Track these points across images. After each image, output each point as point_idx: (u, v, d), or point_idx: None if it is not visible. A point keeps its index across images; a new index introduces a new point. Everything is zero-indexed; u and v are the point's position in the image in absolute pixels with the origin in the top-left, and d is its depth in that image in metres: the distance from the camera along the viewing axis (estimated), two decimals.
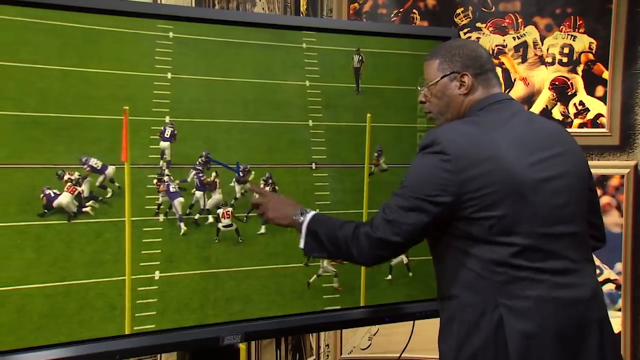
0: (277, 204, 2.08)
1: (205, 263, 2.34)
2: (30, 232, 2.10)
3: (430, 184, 1.71)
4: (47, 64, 2.11)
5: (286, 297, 2.47)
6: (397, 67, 2.64)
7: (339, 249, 1.85)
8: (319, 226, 1.92)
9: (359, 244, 1.79)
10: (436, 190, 1.70)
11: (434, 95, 1.92)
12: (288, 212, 2.01)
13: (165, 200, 2.33)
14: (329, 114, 2.52)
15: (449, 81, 1.87)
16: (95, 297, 2.19)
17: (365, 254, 1.78)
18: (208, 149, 2.36)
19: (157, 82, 2.26)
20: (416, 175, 1.77)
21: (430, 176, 1.72)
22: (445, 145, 1.72)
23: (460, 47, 1.89)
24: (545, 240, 1.72)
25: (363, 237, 1.80)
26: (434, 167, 1.72)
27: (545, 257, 1.72)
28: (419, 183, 1.73)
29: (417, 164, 1.80)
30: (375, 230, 1.77)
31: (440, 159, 1.71)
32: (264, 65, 2.44)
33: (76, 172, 2.19)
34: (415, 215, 1.71)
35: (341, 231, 1.86)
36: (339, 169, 2.54)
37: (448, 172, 1.70)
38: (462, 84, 1.87)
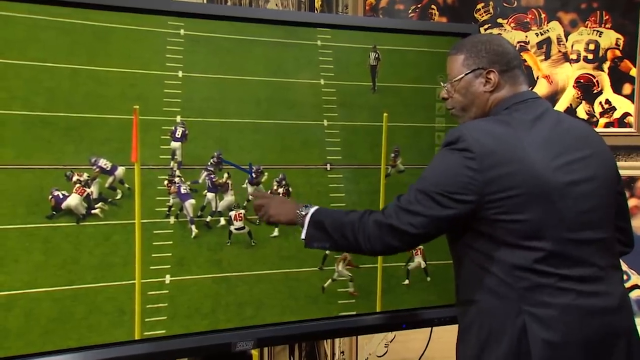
0: (278, 202, 2.08)
1: (217, 267, 2.34)
2: (39, 235, 2.11)
3: (453, 181, 1.69)
4: (56, 62, 2.13)
5: (300, 302, 2.47)
6: (414, 64, 2.63)
7: (345, 237, 1.82)
8: (324, 216, 1.90)
9: (366, 231, 1.77)
10: (458, 188, 1.68)
11: (457, 91, 1.90)
12: (290, 208, 2.00)
13: (176, 202, 2.33)
14: (344, 113, 2.51)
15: (474, 77, 1.85)
16: (104, 301, 2.20)
17: (373, 241, 1.76)
18: (220, 149, 2.36)
19: (168, 81, 2.27)
20: (438, 170, 1.75)
21: (453, 173, 1.70)
22: (470, 142, 1.70)
23: (486, 42, 1.87)
24: (572, 246, 1.70)
25: (372, 223, 1.78)
26: (457, 165, 1.70)
27: (571, 264, 1.70)
28: (441, 178, 1.72)
29: (440, 160, 1.78)
30: (387, 217, 1.75)
31: (465, 156, 1.69)
32: (277, 63, 2.44)
33: (85, 173, 2.20)
34: (434, 209, 1.69)
35: (347, 218, 1.84)
36: (354, 169, 2.53)
37: (472, 170, 1.68)
38: (488, 81, 1.85)
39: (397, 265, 2.58)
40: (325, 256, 2.51)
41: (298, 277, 2.48)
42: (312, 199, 2.53)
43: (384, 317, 2.57)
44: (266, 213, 2.09)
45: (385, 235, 1.73)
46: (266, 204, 2.09)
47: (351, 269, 2.54)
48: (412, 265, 2.62)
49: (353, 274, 2.51)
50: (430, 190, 1.71)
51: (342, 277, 2.51)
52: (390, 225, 1.73)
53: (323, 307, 2.51)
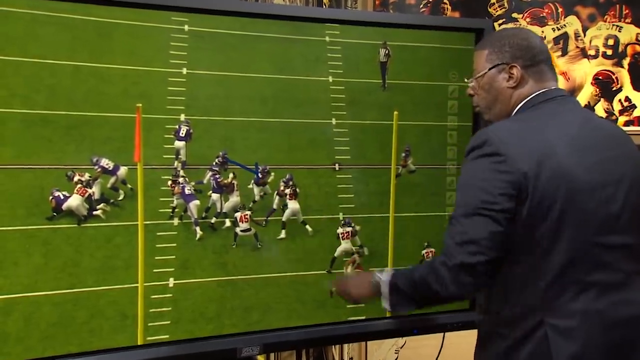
0: (353, 280, 2.06)
1: (222, 270, 2.33)
2: (39, 237, 2.11)
3: (491, 190, 1.64)
4: (57, 59, 2.12)
5: (307, 306, 2.46)
6: (426, 61, 2.61)
7: (422, 292, 1.78)
8: (398, 277, 1.86)
9: (438, 278, 1.70)
10: (499, 197, 1.63)
11: (481, 87, 1.87)
12: (367, 283, 1.96)
13: (180, 203, 2.32)
14: (354, 112, 2.48)
15: (497, 73, 1.83)
16: (106, 305, 2.20)
17: (449, 287, 1.69)
18: (225, 148, 2.34)
19: (172, 78, 2.26)
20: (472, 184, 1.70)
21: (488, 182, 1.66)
22: (498, 145, 1.67)
23: (511, 36, 1.85)
24: (597, 250, 1.66)
25: (441, 268, 1.71)
26: (489, 171, 1.66)
27: (595, 269, 1.66)
28: (478, 192, 1.67)
29: (471, 171, 1.73)
30: (450, 258, 1.68)
31: (495, 160, 1.66)
32: (284, 60, 2.42)
33: (87, 173, 2.19)
34: (488, 227, 1.63)
35: (417, 272, 1.79)
36: (363, 169, 2.51)
37: (505, 173, 1.65)
38: (511, 77, 1.83)
39: (408, 268, 2.54)
40: (333, 259, 2.50)
41: (305, 280, 2.47)
42: (320, 200, 2.51)
43: (395, 322, 2.55)
44: (350, 297, 2.08)
45: (459, 277, 1.66)
46: (344, 289, 2.07)
47: (360, 273, 2.51)
48: None
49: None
50: (474, 211, 1.65)
51: None
52: (458, 265, 1.66)
53: (331, 312, 2.50)
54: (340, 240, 2.51)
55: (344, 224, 2.46)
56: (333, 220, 2.44)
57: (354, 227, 2.46)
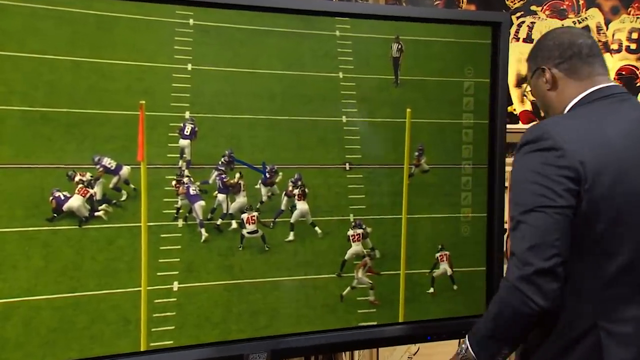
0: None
1: (228, 273, 2.31)
2: (38, 238, 2.10)
3: (552, 185, 1.61)
4: (57, 54, 2.10)
5: (317, 311, 2.45)
6: (440, 56, 2.58)
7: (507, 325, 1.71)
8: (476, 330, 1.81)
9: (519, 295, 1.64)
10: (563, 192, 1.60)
11: (534, 95, 1.90)
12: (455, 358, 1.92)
13: (184, 204, 2.31)
14: (365, 109, 2.46)
15: (536, 79, 1.84)
16: (108, 309, 2.19)
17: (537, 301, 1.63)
18: (231, 147, 2.33)
19: (176, 74, 2.24)
20: (531, 180, 1.66)
21: (548, 178, 1.62)
22: (555, 139, 1.64)
23: (543, 38, 1.85)
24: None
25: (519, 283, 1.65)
26: (548, 166, 1.63)
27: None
28: (539, 188, 1.63)
29: (526, 166, 1.69)
30: (526, 267, 1.63)
31: (553, 155, 1.62)
32: (293, 55, 2.40)
33: (88, 172, 2.18)
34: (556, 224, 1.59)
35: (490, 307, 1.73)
36: (375, 169, 2.49)
37: (564, 168, 1.62)
38: (547, 80, 1.82)
39: (422, 272, 2.54)
40: (344, 262, 2.48)
41: (315, 284, 2.45)
42: (329, 201, 2.49)
43: (407, 328, 2.54)
44: None
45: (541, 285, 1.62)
46: None
47: (372, 276, 2.51)
48: (438, 272, 2.57)
49: (374, 281, 2.47)
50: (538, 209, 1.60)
51: (362, 284, 2.48)
52: (535, 272, 1.61)
53: (342, 317, 2.48)
54: (350, 242, 2.51)
55: (354, 226, 2.44)
56: (343, 222, 2.42)
57: (365, 229, 2.44)
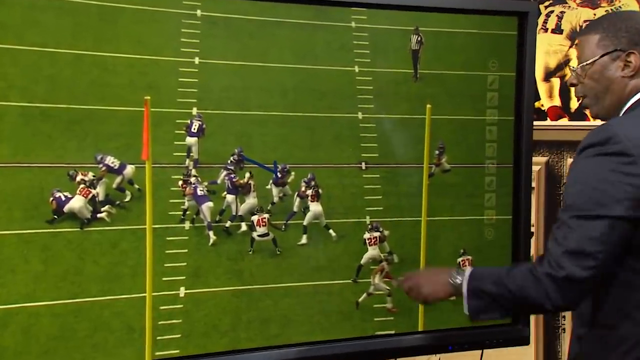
0: (426, 278, 1.97)
1: (237, 278, 2.29)
2: (38, 241, 2.08)
3: (614, 193, 1.56)
4: (58, 47, 2.08)
5: (331, 318, 2.41)
6: (462, 49, 2.54)
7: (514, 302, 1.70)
8: (482, 280, 1.78)
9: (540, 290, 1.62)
10: (625, 201, 1.55)
11: (589, 76, 1.79)
12: (442, 278, 1.88)
13: (191, 205, 2.28)
14: (382, 105, 2.42)
15: (611, 61, 1.75)
16: (111, 317, 2.16)
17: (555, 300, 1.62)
18: (241, 145, 2.29)
19: (183, 68, 2.21)
20: (590, 184, 1.61)
21: (611, 184, 1.57)
22: (626, 144, 1.58)
23: (628, 19, 1.76)
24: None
25: (546, 279, 1.64)
26: (613, 172, 1.58)
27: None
28: (596, 194, 1.58)
29: (588, 169, 1.64)
30: (558, 269, 1.60)
31: (621, 161, 1.57)
32: (306, 48, 2.37)
33: (90, 172, 2.16)
34: (606, 235, 1.55)
35: (511, 278, 1.71)
36: (392, 169, 2.45)
37: (633, 176, 1.55)
38: (627, 65, 1.75)
39: None
40: (359, 267, 2.44)
41: (329, 290, 2.43)
42: (345, 202, 2.45)
43: (427, 337, 2.51)
44: (420, 294, 1.98)
45: (566, 291, 1.59)
46: (414, 284, 1.97)
47: (389, 282, 2.46)
48: None
49: (391, 287, 2.44)
50: (591, 216, 1.56)
51: (379, 290, 2.44)
52: (566, 278, 1.58)
53: (357, 325, 2.45)
54: (367, 246, 2.49)
55: (371, 229, 2.40)
56: (359, 225, 2.39)
57: (382, 232, 2.40)
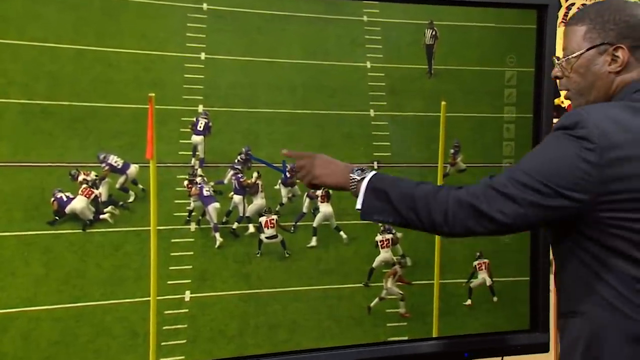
0: (325, 160, 1.92)
1: (244, 282, 2.27)
2: (38, 243, 2.07)
3: (564, 172, 1.58)
4: (59, 42, 2.07)
5: (342, 324, 2.40)
6: (479, 43, 2.52)
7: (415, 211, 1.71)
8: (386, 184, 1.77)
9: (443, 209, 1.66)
10: (568, 183, 1.57)
11: (574, 70, 1.76)
12: (340, 168, 1.86)
13: (197, 206, 2.26)
14: (395, 102, 2.39)
15: (597, 54, 1.72)
16: (114, 321, 2.14)
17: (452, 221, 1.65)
18: (248, 144, 2.27)
19: (189, 64, 2.20)
20: (547, 156, 1.63)
21: (565, 163, 1.59)
22: (591, 130, 1.58)
23: (617, 10, 1.73)
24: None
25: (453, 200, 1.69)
26: (572, 154, 1.59)
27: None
28: (549, 166, 1.61)
29: (551, 145, 1.66)
30: (473, 197, 1.64)
31: (583, 146, 1.58)
32: (316, 43, 2.35)
33: (93, 171, 2.15)
34: (533, 198, 1.57)
35: (419, 190, 1.72)
36: (406, 168, 2.42)
37: (589, 164, 1.56)
38: (615, 60, 1.71)
39: (458, 282, 2.46)
40: (371, 270, 2.42)
41: (340, 294, 2.42)
42: (355, 202, 2.40)
43: (442, 343, 2.48)
44: (309, 173, 1.93)
45: (469, 218, 1.64)
46: (309, 161, 1.93)
47: (402, 286, 2.47)
48: (476, 282, 2.50)
49: (404, 291, 2.42)
50: (533, 177, 1.60)
51: (392, 295, 2.42)
52: (476, 207, 1.63)
53: (369, 331, 2.44)
54: (379, 248, 2.48)
55: (383, 231, 2.38)
56: (371, 226, 2.36)
57: (395, 233, 2.38)
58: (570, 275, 1.70)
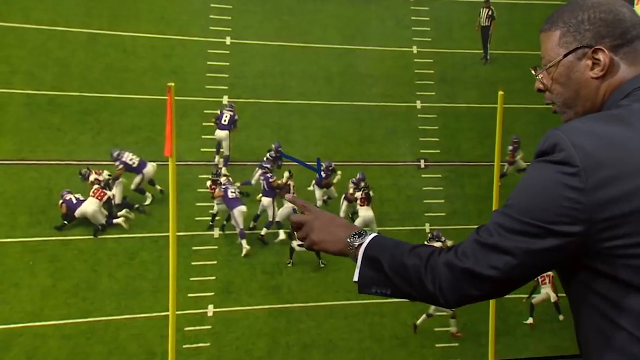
0: (325, 222, 1.84)
1: (274, 295, 2.21)
2: (45, 251, 2.03)
3: (549, 206, 1.48)
4: (69, 25, 2.01)
5: (384, 344, 2.31)
6: (542, 24, 2.37)
7: (409, 283, 1.62)
8: (382, 252, 1.69)
9: (435, 276, 1.57)
10: (557, 216, 1.47)
11: (555, 80, 1.66)
12: (339, 233, 1.79)
13: (221, 210, 2.20)
14: (445, 92, 2.29)
15: (576, 60, 1.61)
16: (128, 339, 2.09)
17: (445, 291, 1.55)
18: (279, 140, 2.19)
19: (212, 50, 2.13)
20: (529, 191, 1.54)
21: (548, 195, 1.49)
22: (570, 152, 1.48)
23: (590, 7, 1.62)
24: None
25: (443, 267, 1.58)
26: (554, 183, 1.49)
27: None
28: (533, 203, 1.51)
29: (532, 176, 1.57)
30: (462, 258, 1.54)
31: (563, 171, 1.47)
32: (354, 25, 2.25)
33: (105, 170, 2.09)
34: (524, 244, 1.47)
35: (411, 258, 1.63)
36: (457, 167, 2.33)
37: (574, 190, 1.46)
38: (596, 63, 1.60)
39: (517, 297, 2.36)
40: None
41: (382, 310, 2.34)
42: (400, 206, 2.33)
43: None
44: (309, 237, 1.86)
45: (462, 283, 1.53)
46: (308, 223, 1.86)
47: None
48: (538, 297, 2.40)
49: (456, 308, 2.29)
50: (517, 218, 1.50)
51: (442, 312, 2.31)
52: (466, 269, 1.52)
53: (415, 352, 2.37)
54: None
55: (431, 238, 2.29)
56: (417, 233, 2.27)
57: (444, 241, 2.29)
58: (585, 319, 1.60)
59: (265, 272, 2.21)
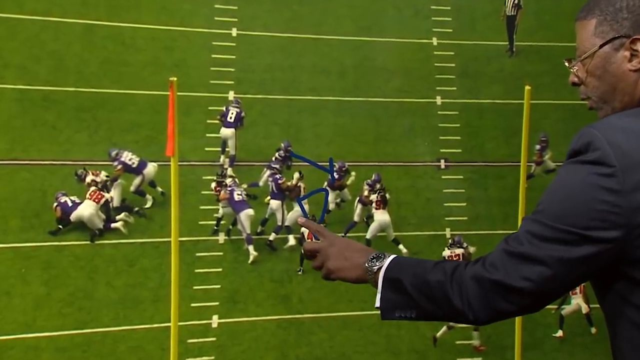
0: (341, 249, 1.80)
1: (283, 305, 2.16)
2: (39, 257, 1.98)
3: (584, 210, 1.44)
4: (64, 16, 1.97)
5: (401, 358, 2.26)
6: (573, 13, 2.32)
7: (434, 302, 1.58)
8: (403, 272, 1.65)
9: (462, 291, 1.51)
10: (593, 221, 1.42)
11: (590, 73, 1.62)
12: (357, 259, 1.74)
13: (227, 213, 2.15)
14: (467, 87, 2.23)
15: (613, 51, 1.57)
16: (127, 351, 2.05)
17: (474, 307, 1.50)
18: (289, 138, 2.14)
19: (217, 42, 2.09)
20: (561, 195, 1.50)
21: (583, 199, 1.45)
22: (606, 151, 1.44)
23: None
24: None
25: (470, 280, 1.53)
26: (588, 185, 1.45)
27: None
28: (566, 207, 1.46)
29: (564, 178, 1.53)
30: (490, 270, 1.50)
31: (599, 172, 1.43)
32: (370, 15, 2.20)
33: (103, 171, 2.04)
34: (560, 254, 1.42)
35: (435, 274, 1.58)
36: (480, 168, 2.27)
37: (611, 192, 1.42)
38: (634, 54, 1.56)
39: (546, 308, 2.28)
40: None
41: (399, 322, 2.22)
42: (418, 210, 2.28)
43: None
44: (325, 267, 1.82)
45: (492, 297, 1.48)
46: (323, 251, 1.82)
47: None
48: (569, 308, 2.35)
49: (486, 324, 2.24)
50: (550, 225, 1.46)
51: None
52: (496, 281, 1.48)
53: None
54: None
55: (452, 244, 2.24)
56: (437, 239, 2.22)
57: (466, 248, 2.24)
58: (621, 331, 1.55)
59: (274, 280, 2.18)
